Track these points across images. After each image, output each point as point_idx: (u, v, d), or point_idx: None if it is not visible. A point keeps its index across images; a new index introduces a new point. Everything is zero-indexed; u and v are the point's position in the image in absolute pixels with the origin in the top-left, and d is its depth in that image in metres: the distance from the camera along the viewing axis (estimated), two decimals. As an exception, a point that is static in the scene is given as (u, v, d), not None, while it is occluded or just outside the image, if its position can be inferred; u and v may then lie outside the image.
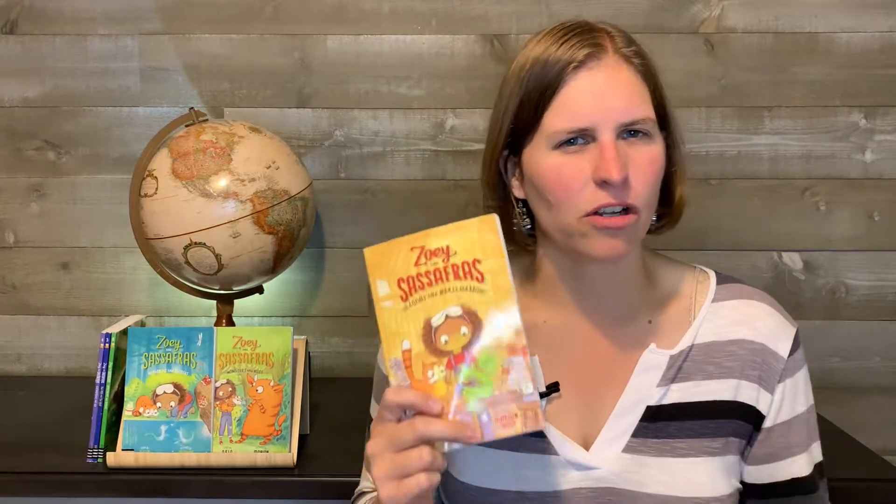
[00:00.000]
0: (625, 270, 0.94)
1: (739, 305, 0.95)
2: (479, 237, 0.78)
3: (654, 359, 0.93)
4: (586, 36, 0.89)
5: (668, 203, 0.95)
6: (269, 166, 1.38)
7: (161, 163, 1.37)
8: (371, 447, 0.78)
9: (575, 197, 0.86)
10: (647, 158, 0.87)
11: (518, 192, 0.95)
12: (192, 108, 1.45)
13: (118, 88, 1.64)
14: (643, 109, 0.87)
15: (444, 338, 0.77)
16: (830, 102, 1.61)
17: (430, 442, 0.76)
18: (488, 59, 1.62)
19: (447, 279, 0.78)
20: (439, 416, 0.76)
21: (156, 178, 1.37)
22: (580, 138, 0.87)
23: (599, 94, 0.86)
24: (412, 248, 0.79)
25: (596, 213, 0.86)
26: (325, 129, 1.64)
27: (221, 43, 1.63)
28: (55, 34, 1.63)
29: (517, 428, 0.76)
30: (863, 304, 1.64)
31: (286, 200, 1.38)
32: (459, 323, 0.77)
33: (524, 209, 0.96)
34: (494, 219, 0.78)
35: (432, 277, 0.78)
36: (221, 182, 1.34)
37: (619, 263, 0.91)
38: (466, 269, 0.77)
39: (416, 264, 0.78)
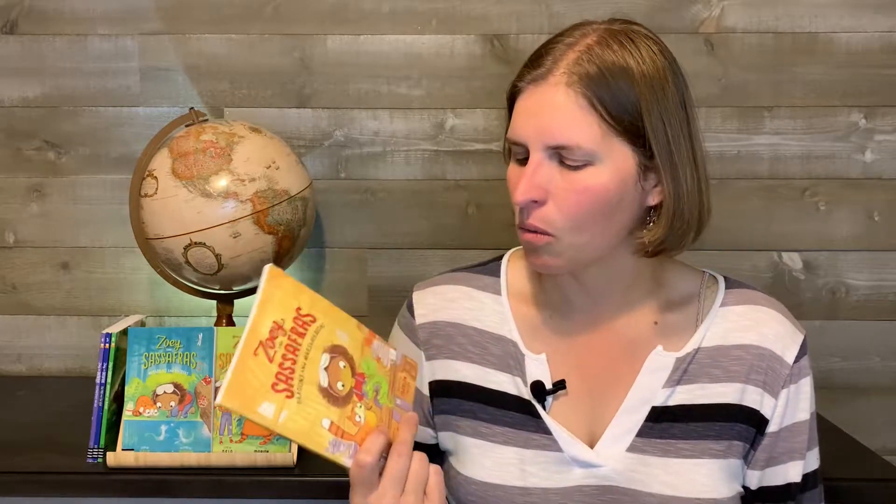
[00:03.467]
0: (618, 275, 0.94)
1: (748, 311, 0.95)
2: (282, 292, 0.77)
3: (661, 360, 0.93)
4: (546, 55, 0.88)
5: (661, 223, 0.90)
6: (269, 166, 1.38)
7: (161, 163, 1.37)
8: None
9: (514, 206, 0.90)
10: (574, 187, 0.86)
11: None
12: (192, 108, 1.45)
13: (118, 88, 1.64)
14: (574, 136, 0.84)
15: (339, 384, 0.79)
16: (830, 102, 1.61)
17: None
18: (488, 59, 1.62)
19: (299, 344, 0.77)
20: (392, 434, 0.81)
21: (156, 178, 1.37)
22: (523, 151, 0.89)
23: (532, 113, 0.87)
24: (255, 353, 0.74)
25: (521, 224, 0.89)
26: (325, 129, 1.64)
27: (221, 43, 1.63)
28: (55, 34, 1.63)
29: (411, 383, 0.87)
30: (863, 304, 1.64)
31: (286, 200, 1.38)
32: (335, 362, 0.79)
33: None
34: (273, 268, 0.78)
35: (290, 355, 0.76)
36: (221, 182, 1.34)
37: (566, 274, 0.93)
38: (300, 323, 0.77)
39: (270, 360, 0.75)
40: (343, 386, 0.79)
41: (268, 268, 0.77)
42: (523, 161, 0.89)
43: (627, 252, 0.93)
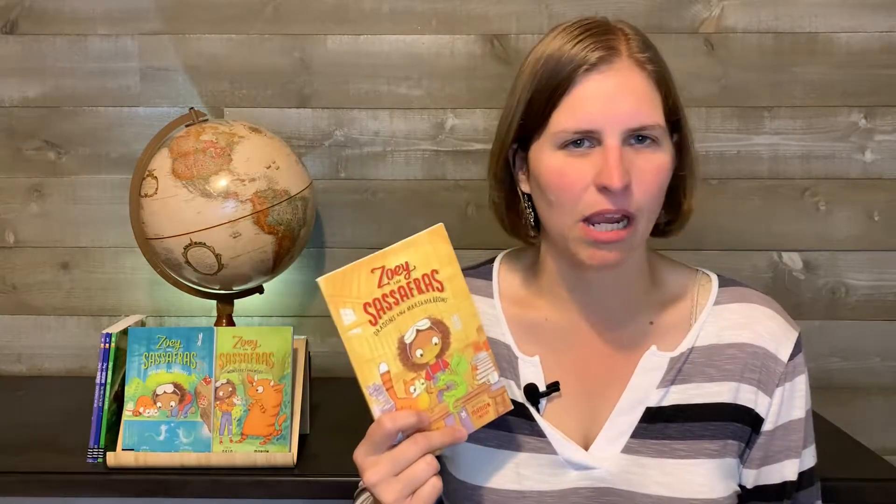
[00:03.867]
0: (626, 272, 0.94)
1: (742, 309, 0.95)
2: (433, 248, 0.81)
3: (655, 360, 0.93)
4: (602, 37, 0.87)
5: (676, 207, 0.94)
6: (269, 166, 1.38)
7: (161, 163, 1.37)
8: (371, 477, 0.79)
9: (574, 199, 0.86)
10: (652, 167, 0.86)
11: (524, 186, 0.95)
12: (192, 108, 1.45)
13: (118, 88, 1.64)
14: (652, 116, 0.86)
15: (419, 352, 0.81)
16: (830, 102, 1.61)
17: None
18: (488, 59, 1.62)
19: (412, 295, 0.81)
20: (429, 427, 0.81)
21: (156, 177, 1.37)
22: (586, 141, 0.86)
23: (608, 98, 0.85)
24: (372, 270, 0.80)
25: (591, 222, 0.86)
26: (325, 129, 1.64)
27: (221, 43, 1.63)
28: (55, 34, 1.63)
29: (491, 416, 0.85)
30: (863, 304, 1.64)
31: (286, 200, 1.38)
32: (430, 334, 0.81)
33: (529, 203, 0.95)
34: (442, 228, 0.82)
35: (398, 296, 0.80)
36: (221, 182, 1.34)
37: (613, 271, 0.90)
38: (427, 281, 0.81)
39: (380, 285, 0.80)
40: (421, 356, 0.81)
41: (439, 225, 0.82)
42: (578, 149, 0.86)
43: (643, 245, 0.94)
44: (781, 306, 0.97)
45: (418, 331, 0.81)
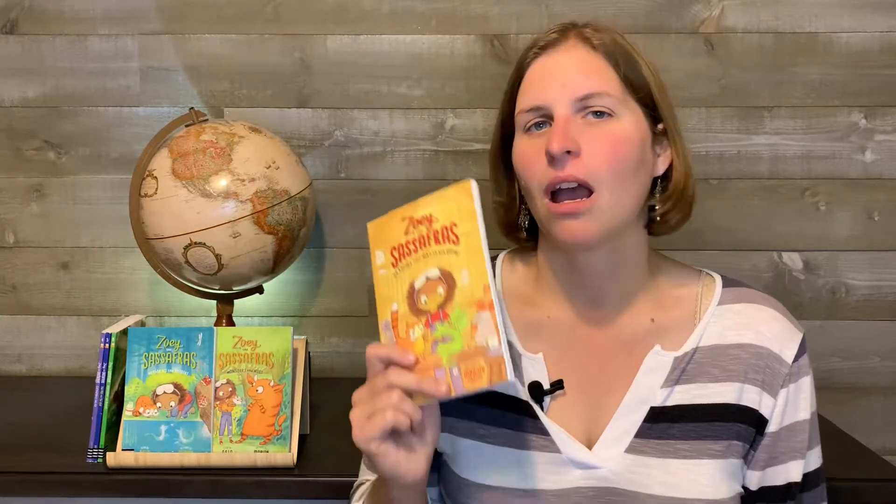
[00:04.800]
0: (620, 264, 0.93)
1: (745, 309, 0.95)
2: (457, 202, 0.82)
3: (659, 360, 0.93)
4: (556, 28, 0.93)
5: (670, 192, 0.94)
6: (269, 166, 1.38)
7: (161, 163, 1.37)
8: (354, 395, 0.83)
9: (536, 176, 0.89)
10: (606, 135, 0.87)
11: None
12: (192, 108, 1.45)
13: (118, 88, 1.64)
14: (598, 84, 0.88)
15: (423, 298, 0.83)
16: (830, 102, 1.61)
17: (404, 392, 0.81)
18: (488, 59, 1.62)
19: (429, 244, 0.84)
20: (412, 368, 0.81)
21: (156, 178, 1.37)
22: (543, 122, 0.90)
23: (554, 72, 0.90)
24: (403, 219, 0.86)
25: (554, 198, 0.88)
26: (325, 129, 1.64)
27: (221, 43, 1.63)
28: (55, 34, 1.63)
29: (483, 381, 0.79)
30: (863, 304, 1.64)
31: (286, 200, 1.38)
32: (437, 284, 0.83)
33: (524, 206, 0.97)
34: (470, 183, 0.81)
35: (417, 244, 0.84)
36: (221, 182, 1.34)
37: (595, 248, 0.90)
38: (445, 233, 0.83)
39: (406, 233, 0.85)
40: (425, 302, 0.83)
41: (467, 180, 0.82)
42: (539, 130, 0.90)
43: (635, 233, 0.94)
44: (784, 307, 0.97)
45: (428, 278, 0.83)
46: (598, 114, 0.88)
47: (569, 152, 0.86)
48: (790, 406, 0.93)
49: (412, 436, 0.82)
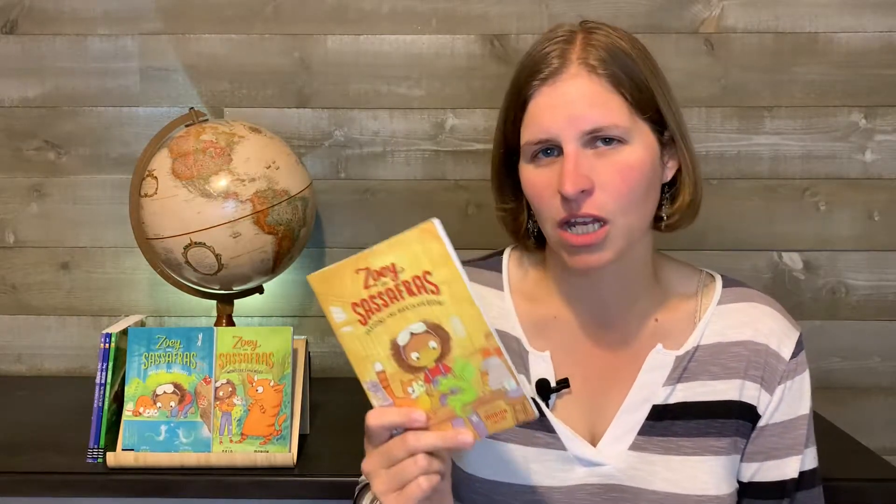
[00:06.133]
0: (626, 270, 0.94)
1: (744, 308, 0.96)
2: (423, 248, 0.74)
3: (661, 359, 0.94)
4: (558, 46, 0.90)
5: (679, 203, 0.94)
6: (269, 166, 1.38)
7: (161, 163, 1.37)
8: (366, 465, 0.80)
9: (547, 207, 0.88)
10: (616, 168, 0.86)
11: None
12: (192, 108, 1.45)
13: (118, 88, 1.64)
14: (607, 116, 0.86)
15: (414, 355, 0.77)
16: (830, 102, 1.61)
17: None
18: (488, 59, 1.62)
19: (401, 297, 0.75)
20: (426, 426, 0.78)
21: (156, 178, 1.37)
22: (550, 150, 0.88)
23: (559, 107, 0.87)
24: (357, 271, 0.76)
25: (567, 227, 0.87)
26: (325, 129, 1.64)
27: (221, 43, 1.63)
28: (55, 34, 1.63)
29: (509, 422, 0.77)
30: (863, 304, 1.64)
31: (286, 200, 1.38)
32: (426, 338, 0.77)
33: (530, 215, 0.98)
34: (433, 225, 0.73)
35: (386, 298, 0.76)
36: (221, 182, 1.34)
37: (601, 271, 0.90)
38: (418, 283, 0.75)
39: (366, 287, 0.76)
40: (418, 359, 0.77)
41: (429, 222, 0.73)
42: (547, 158, 0.89)
43: (643, 239, 0.94)
44: (782, 307, 0.98)
45: (413, 334, 0.77)
46: (608, 140, 0.87)
47: (583, 191, 0.85)
48: (786, 402, 0.94)
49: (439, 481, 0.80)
